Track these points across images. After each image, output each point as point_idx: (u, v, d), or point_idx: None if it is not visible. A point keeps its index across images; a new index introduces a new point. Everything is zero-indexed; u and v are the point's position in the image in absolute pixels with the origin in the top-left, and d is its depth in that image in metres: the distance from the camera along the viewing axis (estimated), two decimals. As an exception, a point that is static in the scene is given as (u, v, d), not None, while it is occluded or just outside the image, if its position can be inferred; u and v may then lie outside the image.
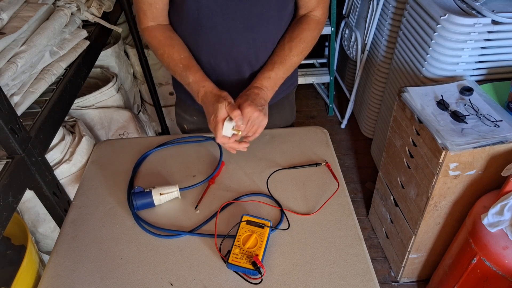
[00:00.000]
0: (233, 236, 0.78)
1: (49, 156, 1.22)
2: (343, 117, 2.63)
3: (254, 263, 0.73)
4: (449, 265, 1.41)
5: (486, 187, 1.30)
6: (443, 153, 1.18)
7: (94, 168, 1.01)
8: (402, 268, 1.63)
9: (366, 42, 2.21)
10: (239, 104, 0.88)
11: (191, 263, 0.78)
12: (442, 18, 1.39)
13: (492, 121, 1.24)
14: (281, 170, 0.98)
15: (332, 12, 2.24)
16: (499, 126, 1.23)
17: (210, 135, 1.07)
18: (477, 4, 1.39)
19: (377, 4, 2.03)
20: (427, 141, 1.27)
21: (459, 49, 1.40)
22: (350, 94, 2.51)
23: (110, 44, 1.82)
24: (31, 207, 1.24)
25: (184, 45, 0.98)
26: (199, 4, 0.90)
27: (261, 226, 0.80)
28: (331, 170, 0.97)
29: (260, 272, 0.72)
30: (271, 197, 0.91)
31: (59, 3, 1.25)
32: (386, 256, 1.81)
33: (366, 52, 2.25)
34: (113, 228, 0.85)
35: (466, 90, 1.35)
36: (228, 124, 0.86)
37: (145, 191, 0.88)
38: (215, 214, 0.87)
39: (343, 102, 2.80)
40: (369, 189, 2.15)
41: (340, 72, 2.87)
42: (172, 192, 0.89)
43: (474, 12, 1.39)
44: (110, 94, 1.60)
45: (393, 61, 1.88)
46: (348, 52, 2.49)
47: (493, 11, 1.33)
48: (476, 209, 1.26)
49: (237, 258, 0.74)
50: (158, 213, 0.88)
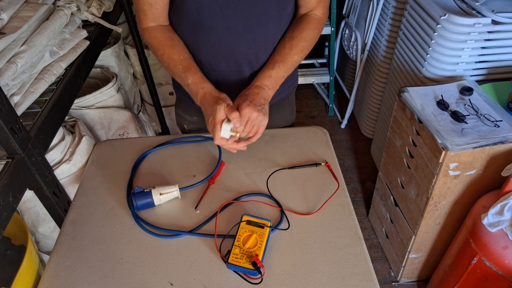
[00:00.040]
0: (233, 236, 0.78)
1: (49, 156, 1.22)
2: (343, 117, 2.63)
3: (254, 263, 0.73)
4: (449, 265, 1.41)
5: (486, 187, 1.30)
6: (443, 153, 1.18)
7: (94, 168, 1.01)
8: (402, 268, 1.63)
9: (366, 42, 2.21)
10: (238, 104, 0.88)
11: (191, 263, 0.78)
12: (442, 18, 1.39)
13: (492, 121, 1.24)
14: (281, 170, 0.98)
15: (332, 12, 2.24)
16: (499, 126, 1.23)
17: (210, 135, 1.07)
18: (477, 4, 1.39)
19: (377, 4, 2.03)
20: (427, 141, 1.27)
21: (459, 49, 1.40)
22: (350, 94, 2.51)
23: (110, 44, 1.82)
24: (31, 207, 1.24)
25: (184, 46, 0.98)
26: (199, 4, 0.90)
27: (261, 226, 0.80)
28: (331, 170, 0.97)
29: (260, 272, 0.72)
30: (271, 197, 0.91)
31: (59, 3, 1.25)
32: (386, 256, 1.81)
33: (366, 52, 2.25)
34: (113, 228, 0.85)
35: (466, 90, 1.35)
36: (226, 126, 0.86)
37: (145, 191, 0.88)
38: (215, 214, 0.87)
39: (343, 102, 2.80)
40: (369, 189, 2.15)
41: (340, 72, 2.87)
42: (172, 192, 0.89)
43: (474, 12, 1.39)
44: (110, 94, 1.60)
45: (393, 61, 1.88)
46: (348, 52, 2.49)
47: (493, 11, 1.33)
48: (476, 209, 1.26)
49: (237, 258, 0.74)
50: (158, 213, 0.88)
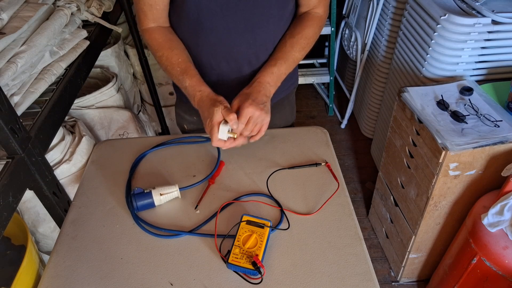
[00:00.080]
0: (233, 236, 0.78)
1: (49, 156, 1.22)
2: (343, 117, 2.63)
3: (254, 263, 0.73)
4: (449, 265, 1.41)
5: (486, 187, 1.30)
6: (443, 153, 1.18)
7: (94, 168, 1.01)
8: (402, 268, 1.63)
9: (366, 42, 2.20)
10: (240, 103, 0.88)
11: (191, 263, 0.78)
12: (442, 18, 1.39)
13: (492, 121, 1.24)
14: (281, 170, 0.97)
15: (332, 12, 2.24)
16: (499, 126, 1.23)
17: (210, 136, 1.07)
18: (477, 4, 1.39)
19: (377, 4, 2.03)
20: (427, 141, 1.27)
21: (459, 49, 1.40)
22: (350, 94, 2.51)
23: (110, 44, 1.82)
24: (31, 207, 1.24)
25: (183, 48, 0.98)
26: (199, 5, 0.90)
27: (261, 226, 0.80)
28: (331, 170, 0.97)
29: (260, 272, 0.72)
30: (271, 197, 0.91)
31: (59, 3, 1.25)
32: (386, 256, 1.81)
33: (366, 52, 2.25)
34: (113, 228, 0.85)
35: (466, 90, 1.35)
36: (223, 128, 0.86)
37: (145, 192, 0.87)
38: (215, 214, 0.87)
39: (343, 102, 2.80)
40: (369, 189, 2.15)
41: (340, 72, 2.87)
42: (172, 192, 0.89)
43: (474, 12, 1.39)
44: (110, 94, 1.60)
45: (393, 61, 1.88)
46: (348, 52, 2.49)
47: (493, 11, 1.33)
48: (476, 209, 1.26)
49: (237, 258, 0.74)
50: (158, 213, 0.88)
